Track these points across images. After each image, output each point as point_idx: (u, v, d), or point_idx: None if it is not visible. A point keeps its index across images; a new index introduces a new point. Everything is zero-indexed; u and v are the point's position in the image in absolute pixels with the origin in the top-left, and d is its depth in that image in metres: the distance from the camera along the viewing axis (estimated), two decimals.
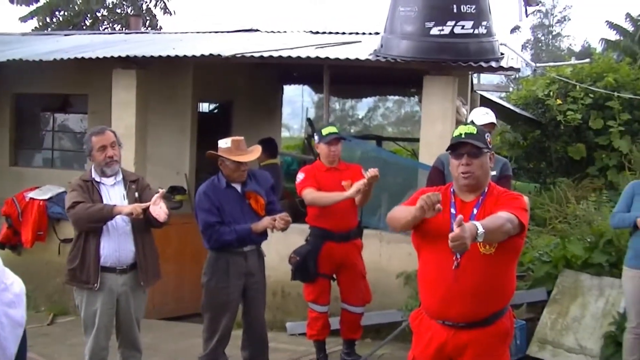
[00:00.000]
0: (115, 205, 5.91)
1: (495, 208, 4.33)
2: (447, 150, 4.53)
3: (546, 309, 8.03)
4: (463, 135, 4.42)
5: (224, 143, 6.68)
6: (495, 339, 4.50)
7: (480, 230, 3.86)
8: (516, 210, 4.29)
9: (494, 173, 6.90)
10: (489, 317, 4.44)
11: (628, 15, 22.89)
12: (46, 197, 10.21)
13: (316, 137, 7.52)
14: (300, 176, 7.43)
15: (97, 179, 6.11)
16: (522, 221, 4.26)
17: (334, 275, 7.61)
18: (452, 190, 4.55)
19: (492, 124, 7.17)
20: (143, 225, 6.03)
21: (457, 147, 4.44)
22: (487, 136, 4.52)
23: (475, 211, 4.43)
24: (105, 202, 6.01)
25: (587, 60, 15.65)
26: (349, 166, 7.57)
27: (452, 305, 4.38)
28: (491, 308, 4.45)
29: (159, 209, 5.76)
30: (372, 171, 6.88)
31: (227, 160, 6.61)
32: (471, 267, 4.28)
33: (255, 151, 6.86)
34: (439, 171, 7.06)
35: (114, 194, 6.11)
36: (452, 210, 4.45)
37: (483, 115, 7.35)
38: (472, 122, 5.94)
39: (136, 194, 6.13)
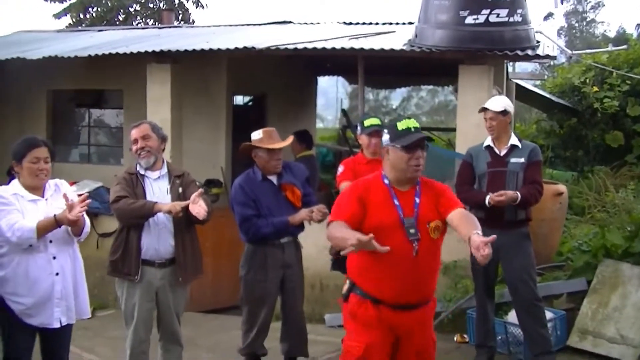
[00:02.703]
0: (156, 202, 5.92)
1: (440, 202, 4.75)
2: (398, 145, 4.72)
3: (586, 299, 7.95)
4: (413, 130, 4.69)
5: (256, 134, 6.73)
6: (431, 314, 4.96)
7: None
8: (459, 203, 4.81)
9: (522, 160, 6.90)
10: (430, 296, 4.87)
11: None
12: (83, 192, 10.25)
13: (358, 128, 7.42)
14: (340, 169, 7.36)
15: (142, 172, 6.15)
16: None
17: None
18: (387, 182, 4.77)
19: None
20: (184, 221, 6.03)
21: (412, 141, 4.66)
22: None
23: (417, 200, 4.74)
24: (148, 195, 6.05)
25: (624, 46, 15.48)
26: None
27: (412, 290, 4.68)
28: (433, 288, 4.87)
29: (198, 208, 5.76)
30: None
31: (260, 150, 6.62)
32: (426, 252, 4.62)
33: (287, 139, 6.85)
34: (469, 164, 7.14)
35: (157, 188, 6.13)
36: (396, 202, 4.70)
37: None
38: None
39: (180, 189, 6.14)
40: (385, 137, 4.81)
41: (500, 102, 7.11)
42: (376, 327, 4.70)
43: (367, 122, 7.30)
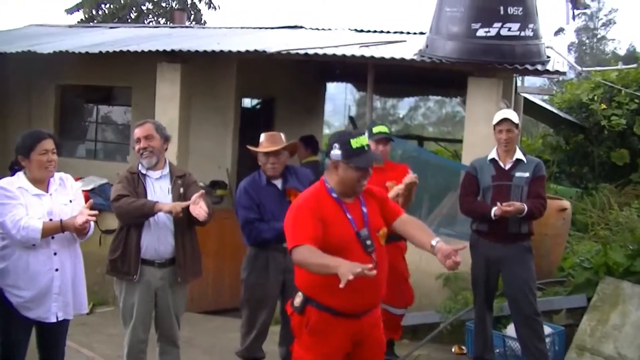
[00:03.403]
0: (157, 202, 5.91)
1: (385, 209, 4.96)
2: (355, 166, 4.73)
3: (586, 315, 7.94)
4: (367, 148, 4.80)
5: (261, 137, 6.75)
6: (379, 311, 5.02)
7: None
8: (401, 209, 5.09)
9: (527, 175, 6.91)
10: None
11: None
12: (89, 188, 10.28)
13: (365, 135, 7.39)
14: None
15: (143, 171, 6.13)
16: None
17: None
18: (335, 196, 4.80)
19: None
20: (185, 222, 6.02)
21: (368, 163, 4.77)
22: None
23: (364, 210, 4.82)
24: (149, 195, 6.03)
25: (634, 65, 15.48)
26: (395, 166, 7.45)
27: (372, 297, 4.79)
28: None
29: (199, 209, 5.74)
30: (410, 177, 6.83)
31: (259, 152, 6.66)
32: (380, 260, 4.69)
33: (282, 143, 6.78)
34: (472, 177, 7.15)
35: (158, 187, 6.11)
36: (349, 216, 4.75)
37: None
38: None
39: (181, 190, 6.12)
40: (336, 152, 4.78)
41: (514, 114, 7.13)
42: (335, 337, 4.74)
43: (375, 129, 7.32)
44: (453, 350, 8.25)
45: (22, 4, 61.25)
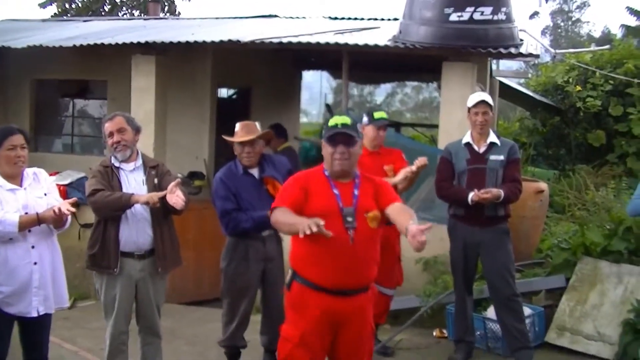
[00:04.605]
0: (133, 194, 5.88)
1: (380, 193, 4.97)
2: (322, 139, 4.97)
3: (565, 295, 8.02)
4: (339, 126, 4.88)
5: (236, 127, 6.76)
6: (370, 304, 5.07)
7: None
8: (398, 198, 5.04)
9: (501, 157, 6.95)
10: (369, 283, 5.01)
11: None
12: (66, 182, 10.22)
13: (365, 119, 7.41)
14: None
15: (117, 164, 6.10)
16: None
17: None
18: (327, 174, 4.99)
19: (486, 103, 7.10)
20: (162, 212, 6.00)
21: (333, 136, 4.89)
22: (358, 126, 5.05)
23: (356, 192, 4.95)
24: (124, 187, 6.01)
25: (607, 46, 15.56)
26: (390, 151, 7.52)
27: (350, 276, 4.83)
28: (372, 276, 4.99)
29: (175, 198, 5.72)
30: (422, 160, 6.87)
31: (234, 142, 6.68)
32: (363, 241, 4.78)
33: (256, 133, 6.79)
34: (448, 161, 7.18)
35: (132, 179, 6.08)
36: (335, 191, 4.90)
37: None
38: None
39: (155, 180, 6.10)
40: (322, 132, 5.03)
41: (489, 97, 7.17)
42: (315, 313, 4.83)
43: (377, 115, 7.41)
44: (434, 334, 8.29)
45: None
